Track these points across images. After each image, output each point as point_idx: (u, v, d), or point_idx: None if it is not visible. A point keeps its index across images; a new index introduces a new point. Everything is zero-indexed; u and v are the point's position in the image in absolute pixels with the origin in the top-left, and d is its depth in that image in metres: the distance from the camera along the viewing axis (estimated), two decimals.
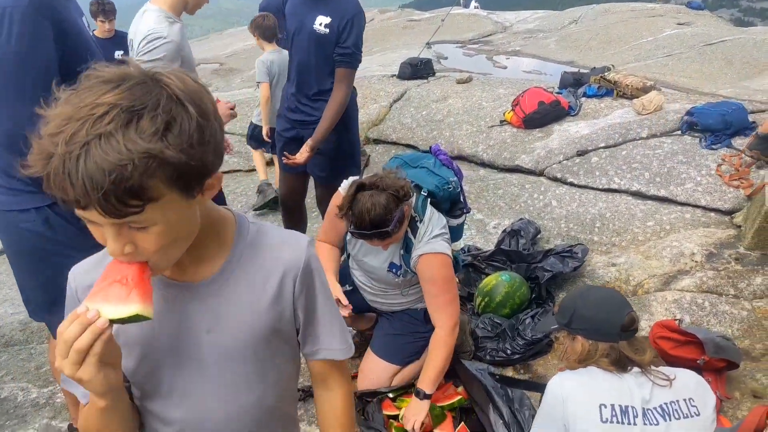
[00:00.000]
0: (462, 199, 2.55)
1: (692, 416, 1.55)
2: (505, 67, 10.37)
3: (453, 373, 2.53)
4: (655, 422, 1.53)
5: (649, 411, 1.55)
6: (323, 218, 3.10)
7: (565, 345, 1.76)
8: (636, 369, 1.62)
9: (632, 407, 1.55)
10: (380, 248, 2.34)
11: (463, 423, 2.34)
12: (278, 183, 4.01)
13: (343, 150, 3.17)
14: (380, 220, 2.11)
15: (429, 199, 2.36)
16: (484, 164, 4.94)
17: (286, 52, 3.42)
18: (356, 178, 2.29)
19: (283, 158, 3.16)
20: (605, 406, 1.54)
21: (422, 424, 2.24)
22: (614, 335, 1.62)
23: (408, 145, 5.49)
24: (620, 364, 1.62)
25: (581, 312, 1.69)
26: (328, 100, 2.98)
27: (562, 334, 1.77)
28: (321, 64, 2.98)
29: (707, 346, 2.37)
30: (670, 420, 1.54)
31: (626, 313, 1.65)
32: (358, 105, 3.41)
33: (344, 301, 2.39)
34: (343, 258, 2.70)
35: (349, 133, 3.20)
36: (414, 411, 2.27)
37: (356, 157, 3.38)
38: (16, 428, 2.52)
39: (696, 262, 3.23)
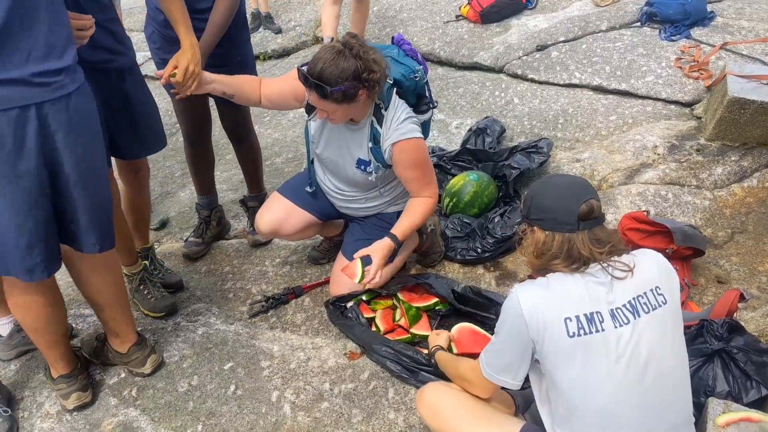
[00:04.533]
0: (427, 94, 2.41)
1: (660, 305, 1.44)
2: None
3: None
4: (626, 321, 1.41)
5: (618, 310, 1.42)
6: (240, 153, 2.92)
7: (525, 237, 1.58)
8: (595, 265, 1.45)
9: (597, 312, 1.41)
10: (347, 145, 2.24)
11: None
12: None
13: (233, 57, 2.60)
14: (327, 76, 1.96)
15: (395, 89, 2.23)
16: (441, 62, 4.73)
17: None
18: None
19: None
20: (570, 320, 1.40)
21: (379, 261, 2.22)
22: (571, 224, 1.44)
23: None
24: (577, 261, 1.45)
25: (538, 201, 1.50)
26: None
27: (522, 227, 1.59)
28: None
29: (676, 235, 2.40)
30: (640, 316, 1.42)
31: (584, 200, 1.44)
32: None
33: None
34: (304, 166, 2.55)
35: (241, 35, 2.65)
36: (379, 246, 2.24)
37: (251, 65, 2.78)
38: None
39: (658, 154, 3.25)
